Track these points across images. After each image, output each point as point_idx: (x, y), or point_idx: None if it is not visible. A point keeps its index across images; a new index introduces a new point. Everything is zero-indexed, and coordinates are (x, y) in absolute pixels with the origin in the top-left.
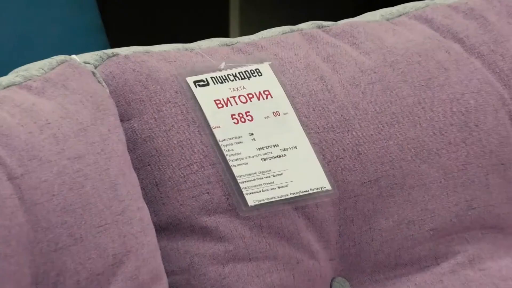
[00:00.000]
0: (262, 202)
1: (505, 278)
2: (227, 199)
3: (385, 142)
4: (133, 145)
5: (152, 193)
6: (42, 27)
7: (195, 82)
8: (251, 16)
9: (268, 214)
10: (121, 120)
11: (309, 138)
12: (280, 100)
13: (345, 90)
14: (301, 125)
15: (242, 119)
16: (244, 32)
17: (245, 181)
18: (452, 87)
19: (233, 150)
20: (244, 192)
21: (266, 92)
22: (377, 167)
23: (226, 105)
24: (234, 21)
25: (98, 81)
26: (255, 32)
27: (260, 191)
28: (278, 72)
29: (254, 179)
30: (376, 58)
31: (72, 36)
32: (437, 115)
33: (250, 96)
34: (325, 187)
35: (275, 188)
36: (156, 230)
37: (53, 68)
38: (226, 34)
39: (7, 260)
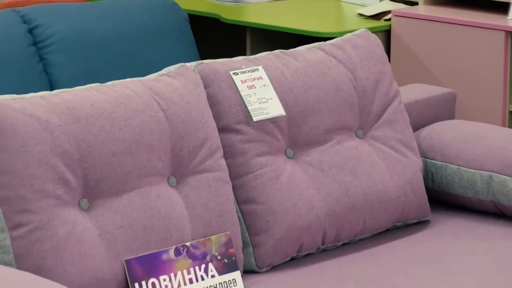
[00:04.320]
0: (259, 119)
1: (350, 147)
2: (245, 118)
3: (306, 97)
4: (209, 97)
5: (217, 116)
6: (165, 55)
7: (233, 73)
8: (255, 49)
9: (261, 124)
10: (204, 88)
11: (277, 94)
12: (265, 80)
13: (290, 76)
14: (274, 90)
15: (251, 87)
16: (252, 54)
17: (253, 112)
18: (332, 75)
19: (247, 99)
20: (252, 115)
21: (260, 77)
22: (303, 105)
23: (245, 82)
24: (248, 51)
25: (196, 72)
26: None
27: (258, 115)
28: (265, 69)
29: (257, 111)
30: (303, 63)
31: (184, 57)
32: (327, 85)
33: (254, 78)
34: (283, 114)
35: (263, 114)
36: (218, 130)
37: (179, 68)
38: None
39: (161, 139)
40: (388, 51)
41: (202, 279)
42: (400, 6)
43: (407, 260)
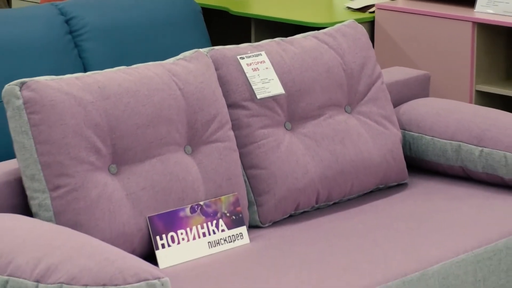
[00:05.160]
0: (262, 97)
1: (339, 121)
2: (250, 96)
3: (302, 78)
4: (219, 78)
5: (226, 94)
6: (181, 42)
7: (240, 57)
8: (258, 37)
9: (265, 101)
10: (215, 70)
11: (277, 76)
12: (267, 63)
13: (289, 60)
14: (275, 72)
15: (255, 70)
16: (256, 41)
17: (257, 90)
18: (324, 59)
19: (252, 80)
20: (256, 93)
21: (263, 61)
22: (300, 85)
23: (250, 65)
24: (252, 39)
25: (208, 57)
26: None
27: (261, 93)
28: (267, 54)
29: (260, 90)
30: (300, 49)
31: (198, 44)
32: (320, 68)
33: (258, 62)
34: (282, 92)
35: (266, 92)
36: (227, 106)
37: (193, 53)
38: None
39: (178, 114)
40: (372, 39)
41: (214, 232)
42: (383, 0)
43: (388, 217)
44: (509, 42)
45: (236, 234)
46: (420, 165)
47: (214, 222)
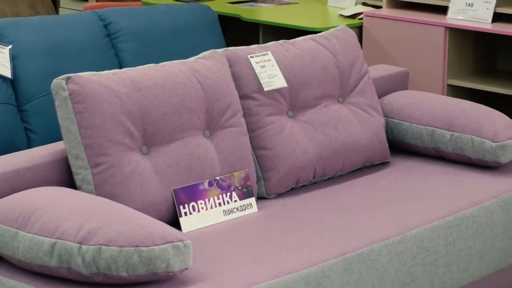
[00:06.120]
0: (268, 89)
1: (333, 110)
2: (259, 88)
3: (302, 74)
4: (233, 74)
5: (238, 87)
6: (201, 44)
7: (250, 56)
8: (265, 40)
9: (271, 93)
10: (229, 67)
11: (281, 72)
12: (273, 61)
13: (291, 59)
14: (279, 68)
15: (263, 67)
16: (263, 43)
17: (264, 84)
18: (320, 58)
19: (260, 75)
20: (263, 86)
21: (269, 59)
22: (300, 80)
23: (258, 63)
24: (260, 41)
25: (223, 56)
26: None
27: (268, 86)
28: (272, 54)
29: (267, 83)
30: (300, 50)
31: (215, 45)
32: (317, 65)
33: (265, 60)
34: (285, 85)
35: (272, 85)
36: (239, 97)
37: (211, 53)
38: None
39: (199, 104)
40: (360, 41)
41: (228, 203)
42: (370, 9)
43: (373, 190)
44: (475, 44)
45: (247, 204)
46: (400, 147)
47: (228, 194)
